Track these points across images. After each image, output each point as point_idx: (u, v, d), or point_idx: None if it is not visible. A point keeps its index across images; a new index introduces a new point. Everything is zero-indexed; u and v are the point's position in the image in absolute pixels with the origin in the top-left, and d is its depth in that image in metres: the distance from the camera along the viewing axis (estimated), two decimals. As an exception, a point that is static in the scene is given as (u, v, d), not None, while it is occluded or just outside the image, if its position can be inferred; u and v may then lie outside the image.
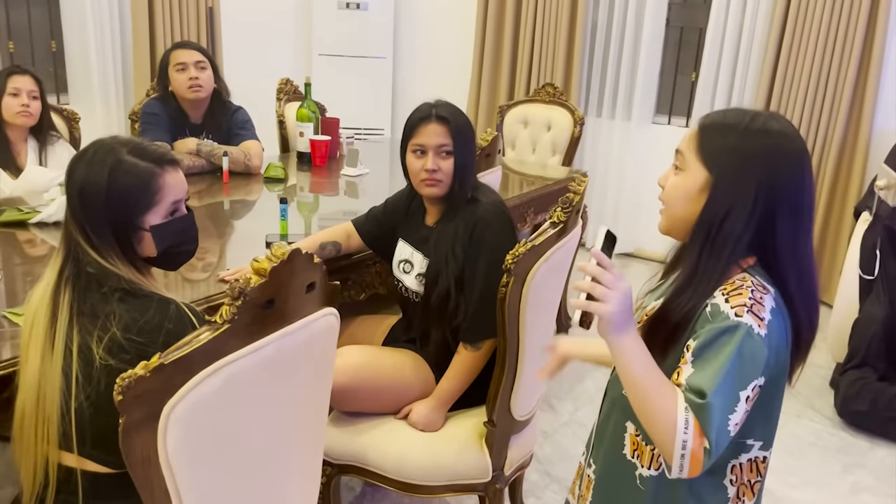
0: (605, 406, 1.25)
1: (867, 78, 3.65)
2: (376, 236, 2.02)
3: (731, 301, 1.02)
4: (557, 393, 2.91)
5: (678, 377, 1.01)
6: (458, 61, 4.95)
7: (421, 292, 1.86)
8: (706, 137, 1.08)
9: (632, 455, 1.15)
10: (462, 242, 1.78)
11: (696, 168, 1.08)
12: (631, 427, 1.16)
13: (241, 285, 0.98)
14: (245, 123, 2.87)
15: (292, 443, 1.17)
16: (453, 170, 1.81)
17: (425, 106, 1.84)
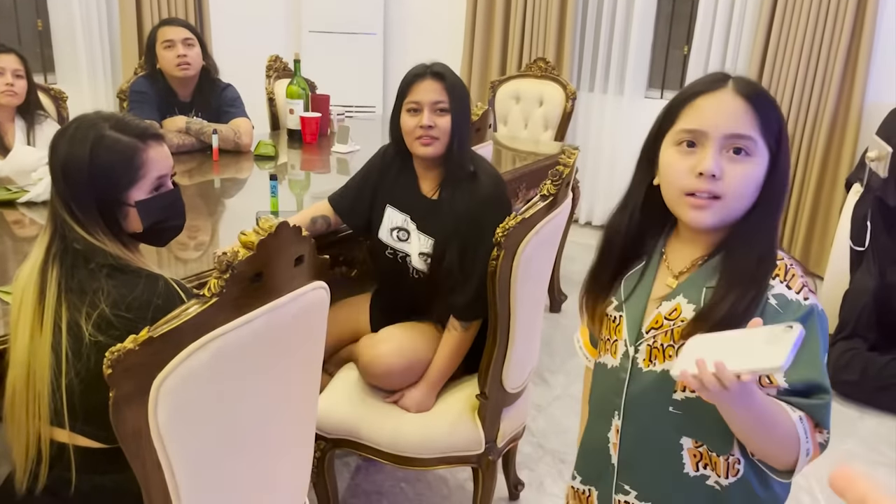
0: (631, 430, 1.10)
1: (859, 50, 3.63)
2: (351, 210, 1.95)
3: (793, 286, 0.98)
4: (550, 367, 2.92)
5: (770, 382, 0.96)
6: (449, 36, 4.91)
7: (425, 270, 1.85)
8: (765, 114, 0.98)
9: (696, 469, 1.05)
10: (465, 222, 1.76)
11: (763, 151, 0.99)
12: (688, 442, 1.05)
13: (229, 258, 0.98)
14: (234, 101, 2.85)
15: (284, 416, 1.18)
16: (450, 128, 1.77)
17: (419, 65, 1.81)
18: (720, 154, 0.98)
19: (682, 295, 1.04)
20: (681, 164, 1.00)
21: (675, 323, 1.03)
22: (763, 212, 1.00)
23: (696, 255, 1.06)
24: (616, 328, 1.11)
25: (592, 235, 4.56)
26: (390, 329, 1.85)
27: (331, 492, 1.86)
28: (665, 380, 1.04)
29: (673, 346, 1.02)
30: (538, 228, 1.65)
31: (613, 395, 1.11)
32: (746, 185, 0.98)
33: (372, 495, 2.14)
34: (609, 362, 1.13)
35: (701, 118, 0.99)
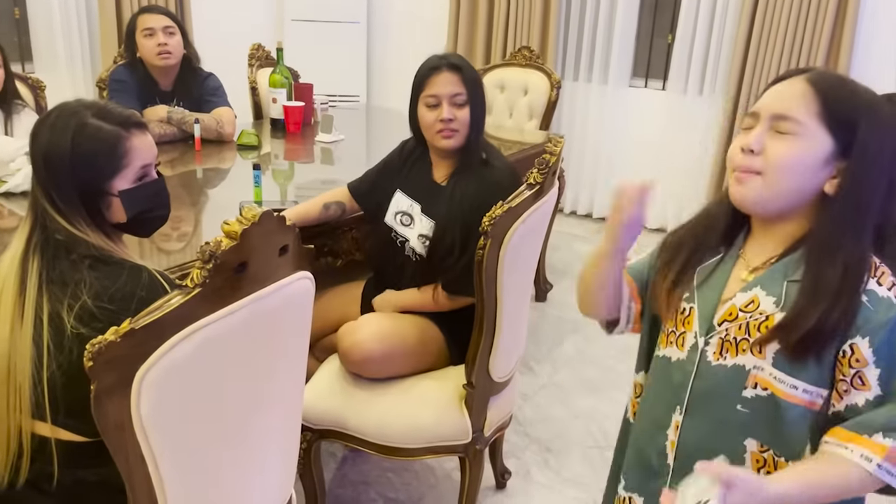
0: (694, 427, 1.06)
1: (841, 38, 3.65)
2: (369, 198, 2.01)
3: (883, 283, 0.96)
4: (536, 355, 2.93)
5: (863, 384, 0.94)
6: (433, 25, 4.88)
7: (423, 253, 1.86)
8: (831, 101, 0.96)
9: (757, 472, 1.02)
10: (472, 205, 1.77)
11: (819, 135, 0.96)
12: (753, 444, 1.02)
13: (212, 248, 0.97)
14: (216, 90, 2.82)
15: (270, 407, 1.17)
16: (469, 120, 1.80)
17: (434, 57, 1.84)
18: (765, 133, 0.99)
19: (760, 287, 1.01)
20: (736, 144, 1.03)
21: (751, 315, 1.00)
22: (844, 204, 0.96)
23: (772, 251, 1.03)
24: (686, 320, 1.08)
25: (578, 225, 4.57)
26: (371, 316, 1.84)
27: (317, 482, 1.85)
28: (736, 375, 1.01)
29: (747, 339, 1.00)
30: (525, 217, 1.65)
31: (677, 389, 1.07)
32: (785, 161, 0.97)
33: (359, 485, 2.13)
34: (674, 355, 1.09)
35: (761, 101, 1.02)
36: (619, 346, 3.05)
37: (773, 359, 0.98)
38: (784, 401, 0.98)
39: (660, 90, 4.39)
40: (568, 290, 3.57)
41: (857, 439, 0.94)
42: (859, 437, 0.94)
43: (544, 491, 2.16)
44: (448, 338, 1.87)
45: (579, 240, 4.31)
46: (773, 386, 0.98)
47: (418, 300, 1.86)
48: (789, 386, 0.97)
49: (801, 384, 0.97)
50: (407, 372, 1.83)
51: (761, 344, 0.98)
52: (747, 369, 1.00)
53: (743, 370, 1.00)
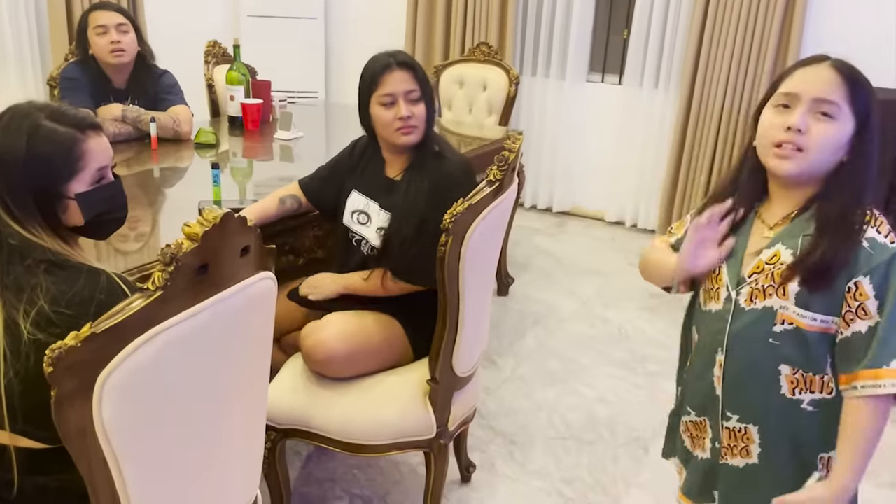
0: (734, 362, 1.25)
1: (790, 32, 3.75)
2: (320, 194, 2.03)
3: (882, 231, 1.15)
4: (498, 350, 2.96)
5: (866, 314, 1.13)
6: (391, 20, 4.87)
7: (379, 246, 1.88)
8: (854, 87, 1.14)
9: (792, 394, 1.22)
10: (428, 197, 1.79)
11: (849, 117, 1.14)
12: (786, 369, 1.21)
13: (174, 250, 0.96)
14: (172, 88, 2.78)
15: (234, 409, 1.17)
16: (426, 115, 1.84)
17: (382, 55, 1.84)
18: (808, 114, 1.14)
19: (781, 243, 1.20)
20: (775, 121, 1.18)
21: (774, 266, 1.19)
22: (854, 172, 1.16)
23: (788, 210, 1.22)
24: (717, 277, 1.27)
25: (538, 219, 4.62)
26: (334, 315, 1.85)
27: (282, 481, 1.85)
28: (766, 315, 1.20)
29: (773, 285, 1.19)
30: (485, 214, 1.67)
31: (717, 334, 1.26)
32: (827, 142, 1.14)
33: (324, 483, 2.13)
34: (713, 308, 1.28)
35: (796, 84, 1.17)
36: (579, 338, 3.10)
37: (794, 298, 1.17)
38: (807, 331, 1.17)
39: (616, 85, 4.45)
40: (529, 284, 3.61)
41: (883, 373, 1.12)
42: (881, 371, 1.12)
43: (509, 483, 2.19)
44: (411, 334, 1.88)
45: (540, 234, 4.36)
46: (796, 320, 1.18)
47: (358, 282, 1.87)
48: (809, 319, 1.17)
49: (818, 315, 1.16)
50: (371, 371, 1.84)
51: (783, 285, 1.17)
52: (775, 309, 1.19)
53: (771, 310, 1.19)
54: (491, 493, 2.14)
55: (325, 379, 1.80)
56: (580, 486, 2.19)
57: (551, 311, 3.35)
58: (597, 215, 4.66)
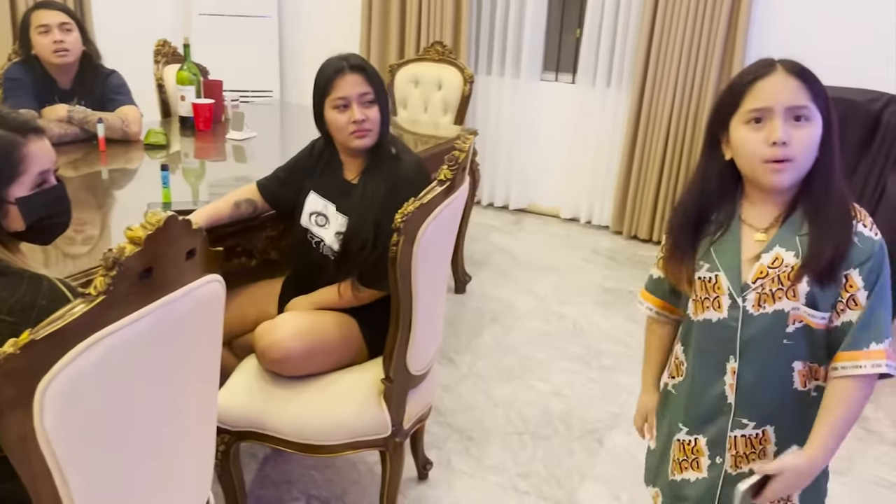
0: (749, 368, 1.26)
1: (736, 35, 3.84)
2: (278, 196, 2.02)
3: (866, 223, 1.20)
4: (456, 347, 2.98)
5: (856, 304, 1.18)
6: (345, 19, 4.86)
7: (338, 250, 1.88)
8: (813, 86, 1.17)
9: (803, 385, 1.26)
10: (383, 201, 1.80)
11: (817, 116, 1.18)
12: (799, 364, 1.25)
13: (116, 255, 0.96)
14: (120, 88, 2.73)
15: (183, 413, 1.16)
16: (380, 118, 1.84)
17: (335, 59, 1.85)
18: (785, 123, 1.16)
19: (779, 246, 1.22)
20: (754, 138, 1.19)
21: (779, 270, 1.21)
22: (828, 166, 1.20)
23: (774, 212, 1.24)
24: (714, 286, 1.28)
25: (495, 216, 4.65)
26: (289, 314, 1.84)
27: (237, 484, 1.84)
28: (779, 318, 1.23)
29: (782, 288, 1.21)
30: (437, 213, 1.68)
31: (726, 342, 1.27)
32: (810, 145, 1.17)
33: (281, 485, 2.13)
34: (714, 316, 1.28)
35: (763, 97, 1.18)
36: (535, 334, 3.14)
37: (804, 299, 1.20)
38: (815, 329, 1.21)
39: (570, 83, 4.51)
40: (486, 281, 3.64)
41: (862, 355, 1.19)
42: (860, 353, 1.19)
43: (466, 479, 2.21)
44: (366, 333, 1.89)
45: (497, 231, 4.39)
46: (807, 319, 1.21)
47: (332, 298, 1.87)
48: (819, 318, 1.21)
49: (825, 314, 1.21)
50: (326, 369, 1.84)
51: (794, 287, 1.20)
52: (786, 311, 1.22)
53: (783, 312, 1.22)
54: (448, 489, 2.16)
55: (279, 380, 1.80)
56: (536, 480, 2.22)
57: (508, 307, 3.38)
58: (552, 212, 4.71)
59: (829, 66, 3.68)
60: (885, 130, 3.24)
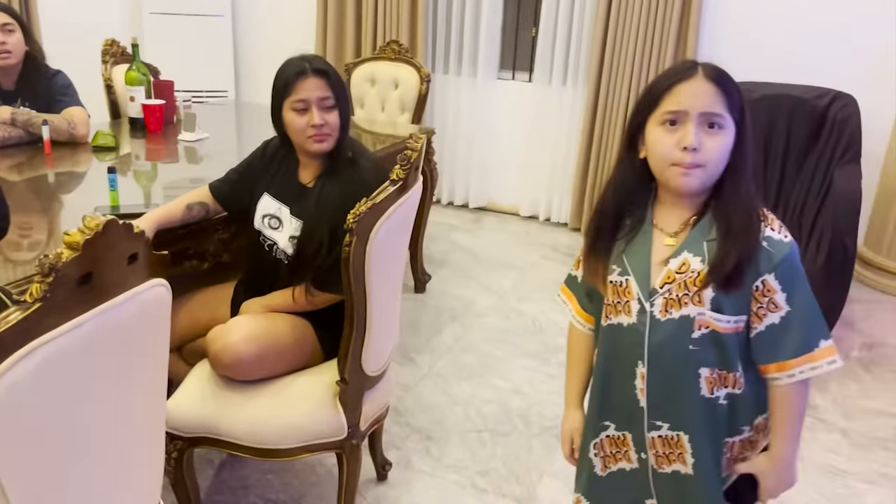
0: (657, 373, 1.27)
1: (687, 34, 3.91)
2: (231, 198, 1.99)
3: (774, 227, 1.21)
4: (416, 346, 2.98)
5: (776, 307, 1.20)
6: (301, 18, 4.81)
7: (292, 255, 1.86)
8: (730, 94, 1.18)
9: (710, 392, 1.26)
10: (338, 205, 1.78)
11: (731, 124, 1.18)
12: (706, 371, 1.25)
13: (52, 261, 0.93)
14: (66, 89, 2.67)
15: (127, 420, 1.13)
16: (339, 123, 1.82)
17: (297, 60, 1.82)
18: (699, 129, 1.17)
19: (687, 251, 1.23)
20: (668, 140, 1.19)
21: (685, 275, 1.22)
22: (739, 172, 1.21)
23: (684, 216, 1.25)
24: (625, 290, 1.28)
25: (455, 215, 4.66)
26: (241, 317, 1.82)
27: (192, 492, 1.81)
28: (684, 323, 1.23)
29: (688, 294, 1.22)
30: (390, 213, 1.67)
31: (635, 347, 1.28)
32: (721, 153, 1.18)
33: (237, 490, 2.10)
34: (625, 321, 1.29)
35: (681, 101, 1.18)
36: (494, 332, 3.15)
37: (710, 304, 1.21)
38: (722, 333, 1.22)
39: (526, 82, 4.53)
40: (446, 280, 3.64)
41: (817, 355, 1.21)
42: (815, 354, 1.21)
43: (425, 478, 2.21)
44: (321, 335, 1.88)
45: (456, 230, 4.39)
46: (713, 324, 1.22)
47: (286, 302, 1.86)
48: (724, 322, 1.21)
49: (731, 318, 1.21)
50: (281, 372, 1.82)
51: (699, 293, 1.21)
52: (692, 317, 1.22)
53: (689, 318, 1.22)
54: (407, 489, 2.16)
55: (232, 384, 1.77)
56: (495, 478, 2.23)
57: (468, 306, 3.38)
58: (512, 210, 4.74)
59: (778, 63, 3.79)
60: (832, 126, 3.33)
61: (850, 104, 3.35)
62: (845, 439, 2.50)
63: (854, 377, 2.91)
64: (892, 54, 3.67)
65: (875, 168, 3.75)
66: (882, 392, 2.82)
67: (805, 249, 2.98)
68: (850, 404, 2.72)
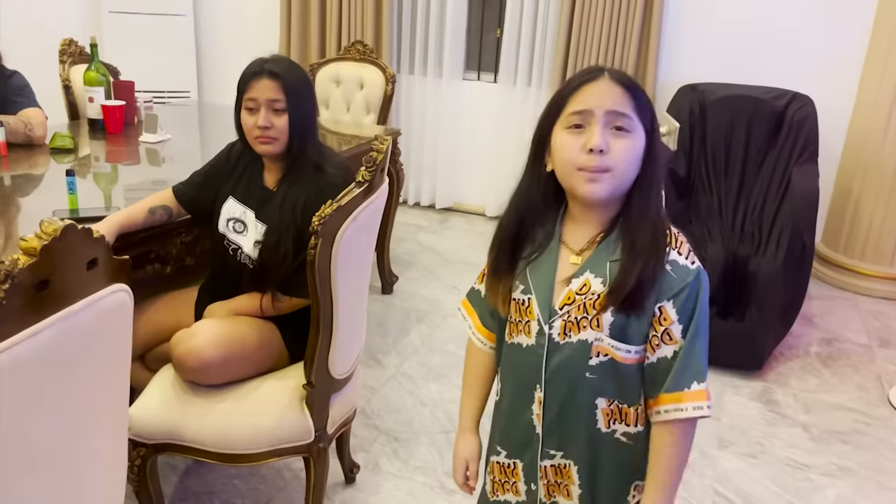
0: (554, 399, 1.19)
1: (650, 35, 3.97)
2: (195, 201, 1.96)
3: (682, 252, 1.12)
4: (383, 348, 2.97)
5: (671, 339, 1.11)
6: (264, 17, 4.77)
7: (256, 260, 1.84)
8: (638, 98, 1.11)
9: (607, 426, 1.18)
10: (304, 211, 1.77)
11: (640, 129, 1.11)
12: (602, 402, 1.17)
13: (8, 267, 0.91)
14: (22, 90, 2.61)
15: (88, 428, 1.11)
16: (288, 127, 1.79)
17: (258, 61, 1.81)
18: (605, 131, 1.09)
19: (589, 271, 1.14)
20: (573, 144, 1.11)
21: (585, 297, 1.13)
22: (647, 186, 1.13)
23: (592, 232, 1.16)
24: (527, 310, 1.19)
25: (421, 216, 4.66)
26: (206, 321, 1.80)
27: (156, 499, 1.78)
28: (582, 349, 1.15)
29: (587, 317, 1.13)
30: (356, 214, 1.67)
31: (533, 370, 1.19)
32: (630, 157, 1.10)
33: (203, 496, 2.07)
34: (524, 342, 1.20)
35: (586, 101, 1.11)
36: (461, 332, 3.14)
37: (608, 331, 1.13)
38: (621, 363, 1.14)
39: (492, 83, 4.55)
40: (413, 281, 3.64)
41: (685, 396, 1.12)
42: (683, 395, 1.12)
43: (393, 480, 2.20)
44: (287, 337, 1.86)
45: (423, 231, 4.39)
46: (612, 352, 1.13)
47: (252, 306, 1.84)
48: (624, 351, 1.13)
49: (632, 347, 1.13)
50: (247, 375, 1.80)
51: (598, 316, 1.12)
52: (590, 342, 1.14)
53: (586, 343, 1.14)
54: (375, 491, 2.15)
55: (197, 389, 1.75)
56: (463, 478, 2.23)
57: (435, 306, 3.39)
58: (478, 210, 4.75)
59: (737, 65, 3.86)
60: (789, 126, 3.40)
61: (807, 105, 3.43)
62: (805, 433, 2.56)
63: (813, 372, 2.98)
64: (846, 56, 3.76)
65: (832, 167, 3.84)
66: (840, 386, 2.88)
67: (765, 247, 3.04)
68: (810, 398, 2.78)
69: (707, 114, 3.50)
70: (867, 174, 3.68)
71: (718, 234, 3.19)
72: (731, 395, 2.78)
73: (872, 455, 2.46)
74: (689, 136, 3.45)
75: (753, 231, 3.20)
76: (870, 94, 3.66)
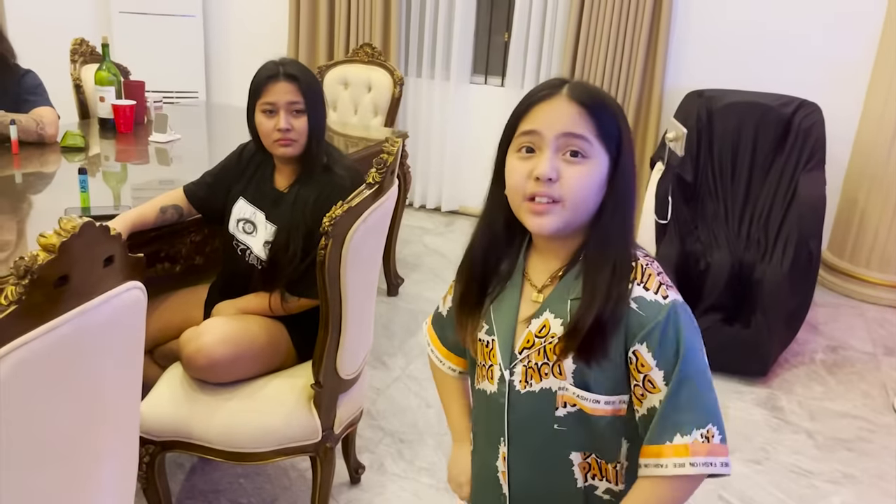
0: (519, 456, 1.07)
1: (658, 41, 3.97)
2: (206, 202, 1.98)
3: (650, 286, 0.98)
4: (388, 350, 2.98)
5: (654, 387, 0.96)
6: (273, 19, 4.79)
7: (265, 260, 1.86)
8: (600, 118, 0.97)
9: (585, 480, 1.05)
10: (315, 212, 1.78)
11: (601, 152, 0.97)
12: (577, 457, 1.04)
13: (28, 263, 0.92)
14: (35, 88, 2.63)
15: (102, 424, 1.12)
16: (307, 129, 1.81)
17: (271, 64, 1.82)
18: (556, 156, 0.96)
19: (549, 310, 1.02)
20: (521, 169, 0.98)
21: (545, 340, 1.01)
22: (611, 216, 0.99)
23: (555, 267, 1.04)
24: (490, 353, 1.08)
25: (427, 218, 4.67)
26: (215, 319, 1.81)
27: (163, 496, 1.79)
28: (545, 398, 1.02)
29: (548, 363, 1.01)
30: (365, 216, 1.68)
31: (497, 421, 1.07)
32: (584, 186, 0.96)
33: (209, 494, 2.08)
34: (488, 388, 1.09)
35: (536, 121, 0.98)
36: (468, 335, 3.16)
37: (572, 378, 1.00)
38: (591, 415, 1.00)
39: (499, 86, 4.56)
40: (418, 283, 3.65)
41: (665, 451, 0.96)
42: (663, 448, 0.96)
43: (398, 481, 2.21)
44: (295, 337, 1.87)
45: (429, 233, 4.41)
46: (578, 402, 1.00)
47: (260, 305, 1.85)
48: (592, 401, 1.00)
49: (601, 397, 1.00)
50: (255, 374, 1.81)
51: (559, 363, 1.00)
52: (554, 391, 1.01)
53: (550, 392, 1.01)
54: (380, 491, 2.16)
55: (205, 387, 1.76)
56: (468, 480, 2.24)
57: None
58: (484, 214, 4.76)
59: (745, 71, 3.87)
60: (797, 133, 3.41)
61: (814, 112, 3.43)
62: (810, 440, 2.56)
63: (818, 379, 2.98)
64: (854, 63, 3.77)
65: (838, 175, 3.84)
66: (845, 394, 2.89)
67: (771, 254, 3.04)
68: (815, 405, 2.79)
69: (714, 120, 3.50)
70: (873, 186, 3.68)
71: (724, 240, 3.19)
72: (735, 401, 2.79)
73: (877, 462, 2.46)
74: (696, 142, 3.46)
75: (760, 237, 3.21)
76: (876, 108, 3.66)
